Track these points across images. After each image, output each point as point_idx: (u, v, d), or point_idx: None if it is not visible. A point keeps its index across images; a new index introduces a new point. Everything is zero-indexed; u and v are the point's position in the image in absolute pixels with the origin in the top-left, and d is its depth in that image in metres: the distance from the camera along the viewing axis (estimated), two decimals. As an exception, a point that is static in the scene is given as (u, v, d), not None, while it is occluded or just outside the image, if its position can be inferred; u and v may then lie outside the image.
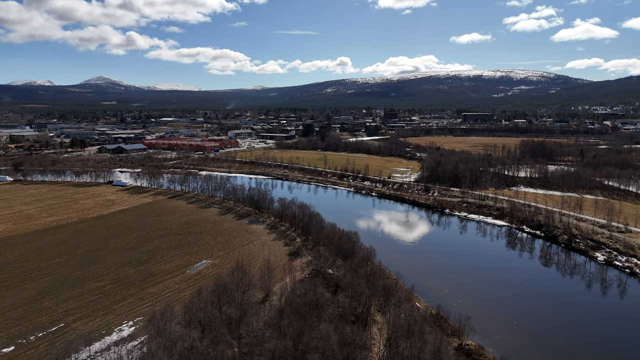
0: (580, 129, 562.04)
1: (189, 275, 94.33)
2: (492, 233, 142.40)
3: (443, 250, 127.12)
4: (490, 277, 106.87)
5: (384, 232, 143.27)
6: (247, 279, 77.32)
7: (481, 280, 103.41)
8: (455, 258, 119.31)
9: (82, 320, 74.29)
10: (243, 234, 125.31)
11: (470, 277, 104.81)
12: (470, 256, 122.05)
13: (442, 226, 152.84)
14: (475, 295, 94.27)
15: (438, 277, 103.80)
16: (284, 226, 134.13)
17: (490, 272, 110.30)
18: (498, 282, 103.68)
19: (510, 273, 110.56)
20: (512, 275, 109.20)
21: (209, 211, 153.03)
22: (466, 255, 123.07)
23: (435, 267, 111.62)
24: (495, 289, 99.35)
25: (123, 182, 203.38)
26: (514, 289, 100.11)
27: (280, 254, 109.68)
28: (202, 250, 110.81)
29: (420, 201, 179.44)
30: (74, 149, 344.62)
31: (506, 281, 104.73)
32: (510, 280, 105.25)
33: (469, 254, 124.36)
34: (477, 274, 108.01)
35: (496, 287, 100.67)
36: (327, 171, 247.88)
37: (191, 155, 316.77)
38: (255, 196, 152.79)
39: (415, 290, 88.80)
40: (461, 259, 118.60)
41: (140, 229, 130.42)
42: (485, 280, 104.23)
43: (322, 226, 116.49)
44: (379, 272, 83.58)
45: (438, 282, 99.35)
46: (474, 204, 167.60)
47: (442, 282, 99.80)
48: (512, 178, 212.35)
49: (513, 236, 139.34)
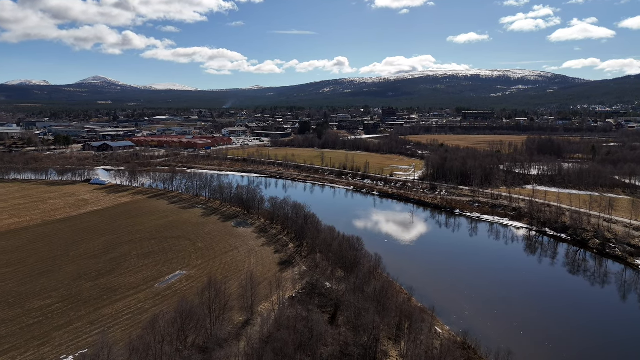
0: (584, 127, 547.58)
1: (156, 291, 77.77)
2: (511, 236, 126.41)
3: (458, 257, 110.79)
4: (517, 290, 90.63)
5: (389, 236, 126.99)
6: (222, 299, 60.88)
7: (508, 295, 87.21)
8: (473, 267, 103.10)
9: (8, 353, 57.65)
10: (227, 239, 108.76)
11: (495, 291, 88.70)
12: (489, 264, 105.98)
13: (453, 229, 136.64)
14: (506, 315, 78.09)
15: (457, 290, 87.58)
16: (275, 229, 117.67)
17: (516, 285, 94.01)
18: (527, 297, 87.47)
19: (541, 285, 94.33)
20: (545, 288, 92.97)
21: (192, 212, 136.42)
22: (485, 263, 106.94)
23: (452, 278, 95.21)
24: (526, 305, 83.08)
25: (102, 180, 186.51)
26: (549, 305, 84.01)
27: (269, 262, 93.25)
28: (178, 259, 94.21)
29: (427, 201, 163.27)
30: (57, 146, 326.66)
31: (538, 295, 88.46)
32: (543, 294, 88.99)
33: (489, 261, 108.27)
34: (502, 287, 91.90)
35: (527, 303, 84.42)
36: (325, 169, 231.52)
37: (181, 153, 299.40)
38: (244, 195, 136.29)
39: (434, 309, 72.54)
40: (481, 268, 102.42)
41: (110, 232, 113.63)
42: (512, 294, 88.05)
43: (318, 229, 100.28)
44: (389, 287, 67.20)
45: (458, 298, 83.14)
46: (487, 204, 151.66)
47: (463, 297, 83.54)
48: (523, 176, 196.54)
49: (534, 240, 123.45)
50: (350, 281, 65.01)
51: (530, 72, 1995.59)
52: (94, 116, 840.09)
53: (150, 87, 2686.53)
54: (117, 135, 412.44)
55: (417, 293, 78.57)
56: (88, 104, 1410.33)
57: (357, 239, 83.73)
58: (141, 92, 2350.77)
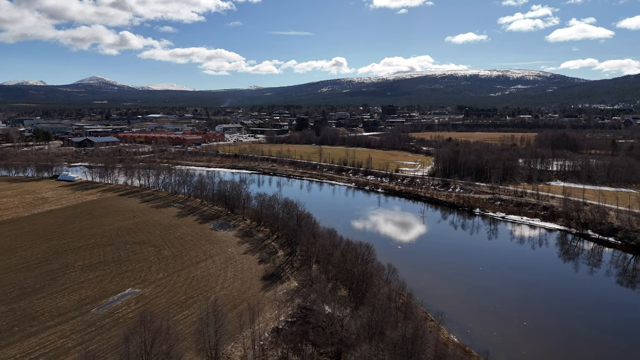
0: (591, 124, 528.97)
1: (91, 319, 56.57)
2: (547, 240, 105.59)
3: (493, 270, 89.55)
4: (583, 317, 69.72)
5: (402, 242, 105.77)
6: (165, 343, 39.70)
7: (575, 327, 66.24)
8: (508, 282, 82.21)
9: None
10: (202, 245, 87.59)
11: (545, 314, 67.77)
12: (524, 275, 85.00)
13: (477, 231, 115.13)
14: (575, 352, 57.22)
15: (501, 317, 66.56)
16: (263, 232, 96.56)
17: (579, 310, 73.12)
18: (596, 324, 66.63)
19: (602, 306, 73.61)
20: (606, 309, 72.25)
21: (166, 212, 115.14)
22: (520, 274, 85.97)
23: (493, 300, 73.97)
24: (599, 340, 62.30)
25: (71, 176, 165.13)
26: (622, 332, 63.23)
27: (250, 276, 72.12)
28: (133, 272, 73.04)
29: (440, 199, 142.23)
30: (36, 142, 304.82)
31: (605, 320, 67.67)
32: (609, 319, 68.23)
33: (524, 271, 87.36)
34: (563, 315, 70.92)
35: (599, 334, 63.64)
36: (323, 164, 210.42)
37: (168, 149, 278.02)
38: (227, 192, 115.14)
39: (475, 348, 51.50)
40: (517, 283, 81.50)
41: (58, 237, 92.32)
42: (580, 324, 67.11)
43: (315, 233, 79.36)
44: (422, 328, 44.84)
45: (510, 329, 62.13)
46: (510, 202, 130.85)
47: (519, 330, 62.40)
48: (544, 172, 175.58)
49: (575, 245, 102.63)
50: (363, 316, 43.63)
51: (529, 72, 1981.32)
52: (86, 115, 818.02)
53: (147, 87, 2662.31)
54: (105, 132, 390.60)
55: (452, 323, 57.58)
56: (84, 104, 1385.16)
57: (366, 247, 62.22)
58: (138, 92, 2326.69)
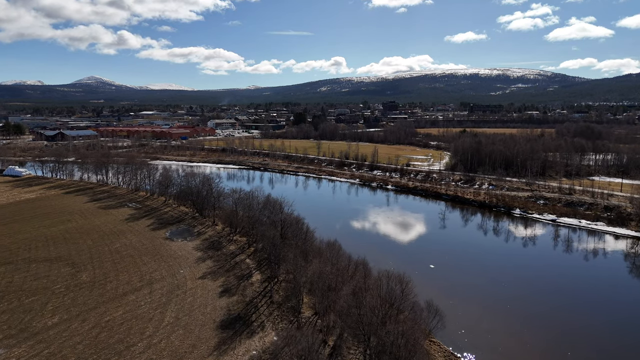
0: (604, 119, 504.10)
1: None
2: (620, 250, 78.49)
3: (585, 302, 62.56)
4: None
5: (435, 258, 78.56)
6: None
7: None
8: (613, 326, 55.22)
9: None
10: (144, 263, 60.22)
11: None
12: (618, 311, 58.01)
13: (531, 243, 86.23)
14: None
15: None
16: (236, 243, 69.14)
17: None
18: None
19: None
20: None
21: (116, 214, 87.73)
22: (620, 307, 59.00)
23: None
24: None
25: (18, 171, 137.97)
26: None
27: (202, 321, 44.75)
28: (14, 312, 45.64)
29: (467, 197, 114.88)
30: (6, 136, 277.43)
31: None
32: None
33: (624, 303, 60.34)
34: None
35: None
36: (322, 159, 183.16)
37: (150, 143, 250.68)
38: (196, 188, 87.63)
39: None
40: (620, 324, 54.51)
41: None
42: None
43: (307, 249, 52.16)
44: None
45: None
46: (557, 201, 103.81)
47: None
48: (582, 166, 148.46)
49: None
50: None
51: (529, 71, 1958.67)
52: (78, 112, 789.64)
53: (145, 87, 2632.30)
54: (88, 127, 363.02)
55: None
56: (81, 103, 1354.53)
57: (399, 281, 33.20)
58: (136, 92, 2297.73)
